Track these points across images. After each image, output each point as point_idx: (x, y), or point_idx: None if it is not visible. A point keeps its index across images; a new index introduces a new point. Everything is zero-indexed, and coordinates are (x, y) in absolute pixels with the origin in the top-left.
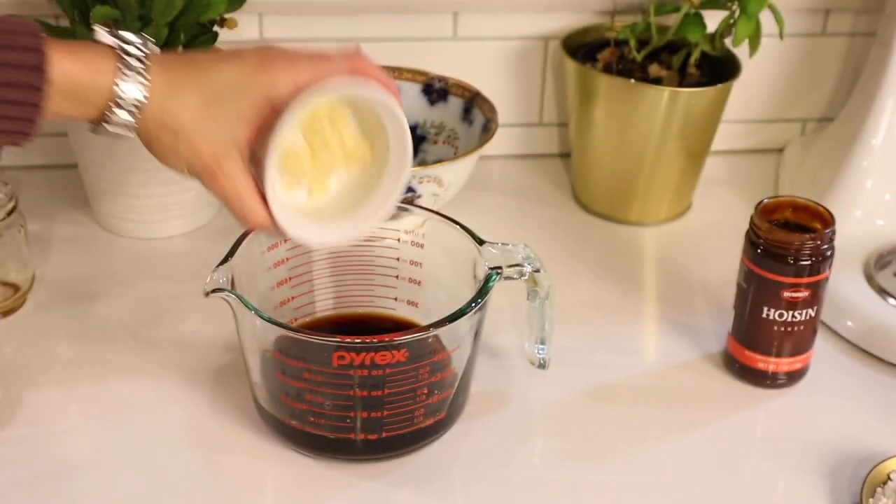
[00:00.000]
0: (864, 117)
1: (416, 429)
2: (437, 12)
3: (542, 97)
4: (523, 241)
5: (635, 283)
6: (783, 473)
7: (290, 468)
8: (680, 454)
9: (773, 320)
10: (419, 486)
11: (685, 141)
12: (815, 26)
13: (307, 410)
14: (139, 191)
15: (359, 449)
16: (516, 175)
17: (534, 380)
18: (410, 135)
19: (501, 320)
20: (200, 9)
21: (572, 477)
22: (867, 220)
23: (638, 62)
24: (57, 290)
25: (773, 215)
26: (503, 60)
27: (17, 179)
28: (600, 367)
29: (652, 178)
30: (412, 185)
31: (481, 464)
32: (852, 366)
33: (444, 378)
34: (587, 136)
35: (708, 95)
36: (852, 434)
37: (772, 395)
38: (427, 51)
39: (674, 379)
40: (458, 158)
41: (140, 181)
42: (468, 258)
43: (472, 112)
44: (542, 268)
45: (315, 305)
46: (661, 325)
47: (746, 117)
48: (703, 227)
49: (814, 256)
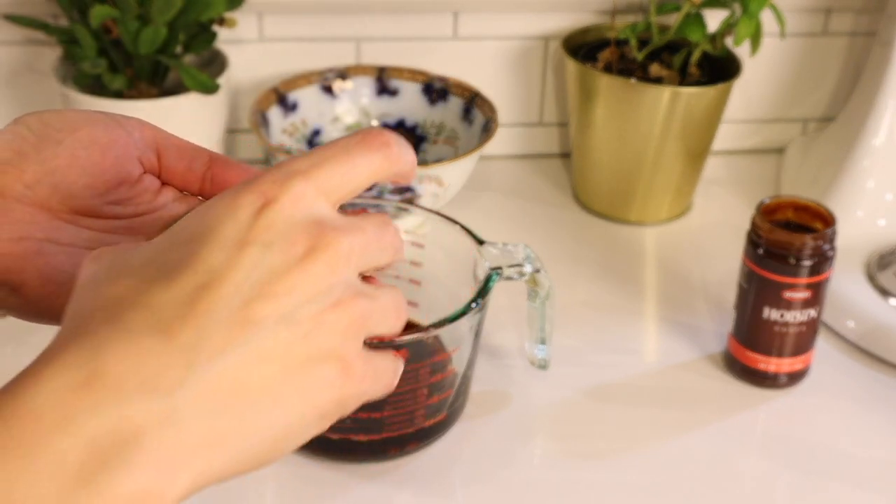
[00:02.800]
0: (865, 117)
1: (417, 429)
2: (437, 12)
3: (542, 97)
4: (523, 241)
5: (636, 283)
6: (783, 473)
7: (289, 469)
8: (680, 454)
9: (774, 321)
10: (419, 487)
11: (686, 141)
12: (816, 26)
13: None
14: None
15: (359, 449)
16: (516, 175)
17: (534, 380)
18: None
19: (501, 320)
20: (200, 8)
21: (572, 477)
22: (868, 220)
23: (638, 62)
24: None
25: (774, 215)
26: (503, 60)
27: None
28: (600, 367)
29: (652, 178)
30: (412, 185)
31: (481, 464)
32: (853, 366)
33: (444, 378)
34: (587, 136)
35: (708, 95)
36: (853, 434)
37: (773, 396)
38: (427, 51)
39: (674, 379)
40: (458, 158)
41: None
42: (468, 258)
43: (472, 112)
44: (542, 268)
45: None
46: (662, 326)
47: (747, 117)
48: (704, 228)
49: (815, 257)
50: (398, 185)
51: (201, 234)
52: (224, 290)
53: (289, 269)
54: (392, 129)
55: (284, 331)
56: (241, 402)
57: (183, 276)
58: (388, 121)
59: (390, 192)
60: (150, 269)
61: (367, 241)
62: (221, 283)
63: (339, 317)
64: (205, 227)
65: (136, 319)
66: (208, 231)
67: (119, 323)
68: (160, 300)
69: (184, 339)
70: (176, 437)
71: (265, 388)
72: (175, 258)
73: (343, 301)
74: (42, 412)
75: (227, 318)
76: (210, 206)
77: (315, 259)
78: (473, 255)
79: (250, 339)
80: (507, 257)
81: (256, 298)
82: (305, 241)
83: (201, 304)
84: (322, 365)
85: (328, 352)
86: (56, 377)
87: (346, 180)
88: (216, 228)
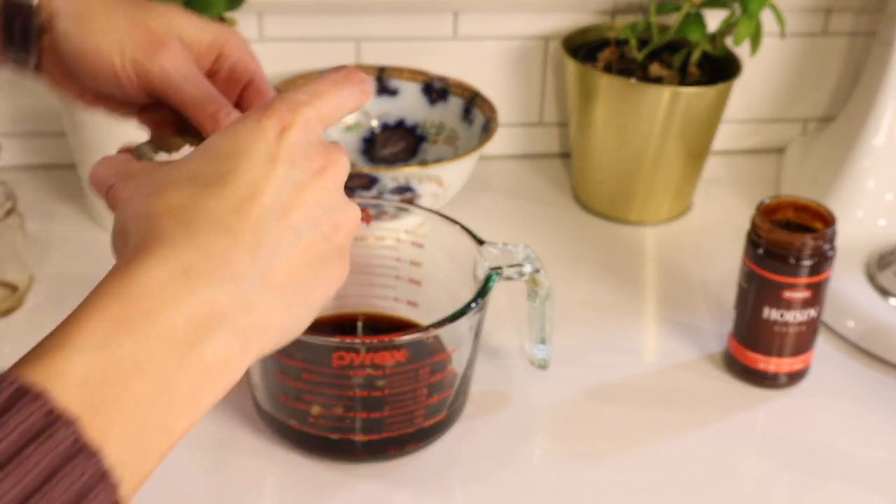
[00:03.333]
0: (865, 117)
1: (416, 429)
2: (437, 12)
3: (542, 97)
4: (523, 241)
5: (636, 283)
6: (783, 473)
7: (289, 469)
8: (680, 454)
9: (773, 321)
10: (419, 487)
11: (686, 141)
12: (816, 26)
13: (307, 411)
14: None
15: (359, 450)
16: (516, 175)
17: (534, 380)
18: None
19: (501, 320)
20: (199, 8)
21: (572, 477)
22: (868, 220)
23: (638, 62)
24: (55, 290)
25: (774, 215)
26: (503, 60)
27: (15, 179)
28: (600, 367)
29: (652, 178)
30: (412, 185)
31: (481, 464)
32: (853, 366)
33: (444, 378)
34: (587, 136)
35: (708, 95)
36: (853, 434)
37: (772, 396)
38: (427, 51)
39: (674, 379)
40: (458, 158)
41: None
42: (468, 258)
43: (472, 112)
44: (542, 268)
45: None
46: (662, 325)
47: (747, 117)
48: (704, 227)
49: (815, 257)
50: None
51: (238, 151)
52: (266, 199)
53: (310, 183)
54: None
55: (313, 233)
56: (287, 293)
57: (230, 186)
58: (388, 121)
59: (390, 192)
60: (200, 180)
61: (348, 158)
62: (263, 194)
63: (347, 219)
64: (239, 145)
65: (205, 222)
66: (243, 149)
67: (192, 226)
68: (217, 206)
69: (247, 238)
70: (248, 319)
71: (303, 282)
72: (220, 171)
73: (343, 209)
74: (153, 293)
75: (273, 224)
76: (238, 129)
77: (327, 174)
78: (473, 255)
79: (292, 241)
80: (506, 257)
81: (291, 208)
82: (319, 159)
83: (253, 212)
84: (335, 262)
85: (339, 251)
86: (159, 266)
87: (337, 108)
88: (250, 147)
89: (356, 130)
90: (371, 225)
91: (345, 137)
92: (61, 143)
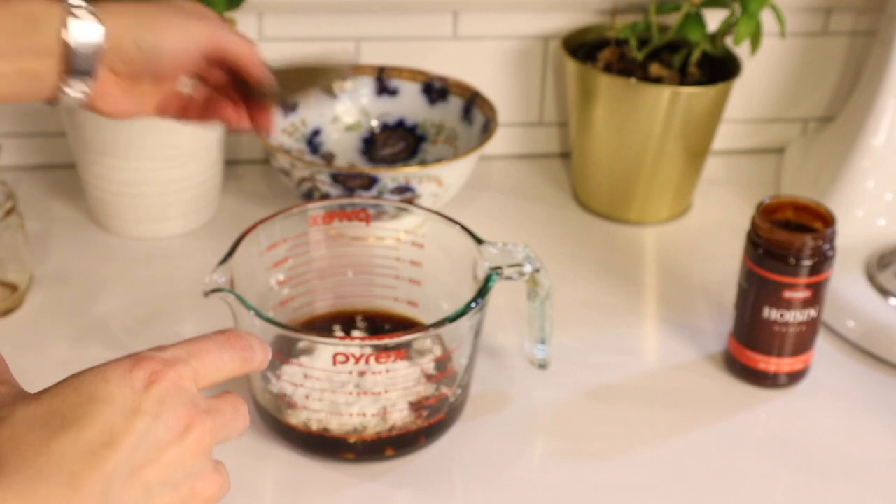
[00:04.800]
0: (865, 117)
1: (416, 429)
2: (437, 12)
3: (542, 97)
4: (523, 241)
5: (635, 283)
6: (783, 473)
7: (289, 468)
8: (680, 454)
9: (774, 321)
10: (419, 487)
11: (686, 140)
12: (817, 25)
13: (307, 411)
14: (138, 190)
15: (359, 449)
16: (516, 175)
17: (534, 380)
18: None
19: (501, 320)
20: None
21: (572, 477)
22: (868, 220)
23: (638, 62)
24: (55, 289)
25: (774, 215)
26: (503, 60)
27: (15, 179)
28: (600, 367)
29: (652, 178)
30: (412, 185)
31: (481, 464)
32: (853, 366)
33: (443, 378)
34: (587, 136)
35: (708, 95)
36: (853, 434)
37: (773, 396)
38: (427, 51)
39: (674, 379)
40: (458, 158)
41: (139, 181)
42: (468, 258)
43: (472, 112)
44: (542, 268)
45: (315, 305)
46: (662, 325)
47: (747, 117)
48: (704, 227)
49: (815, 257)
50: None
51: (102, 396)
52: (122, 450)
53: (172, 441)
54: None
55: (167, 494)
56: None
57: (87, 431)
58: (388, 120)
59: (390, 192)
60: (56, 420)
61: (225, 420)
62: (120, 444)
63: (206, 485)
64: (103, 389)
65: (51, 469)
66: (107, 395)
67: (31, 469)
68: (69, 451)
69: (93, 491)
70: None
71: None
72: (78, 414)
73: (205, 474)
74: None
75: (125, 477)
76: (107, 372)
77: (192, 435)
78: (473, 255)
79: (141, 499)
80: (506, 257)
81: (147, 464)
82: (185, 418)
83: (106, 463)
84: None
85: None
86: None
87: (213, 372)
88: (114, 393)
89: (356, 130)
90: (371, 225)
91: (345, 137)
92: (61, 143)
